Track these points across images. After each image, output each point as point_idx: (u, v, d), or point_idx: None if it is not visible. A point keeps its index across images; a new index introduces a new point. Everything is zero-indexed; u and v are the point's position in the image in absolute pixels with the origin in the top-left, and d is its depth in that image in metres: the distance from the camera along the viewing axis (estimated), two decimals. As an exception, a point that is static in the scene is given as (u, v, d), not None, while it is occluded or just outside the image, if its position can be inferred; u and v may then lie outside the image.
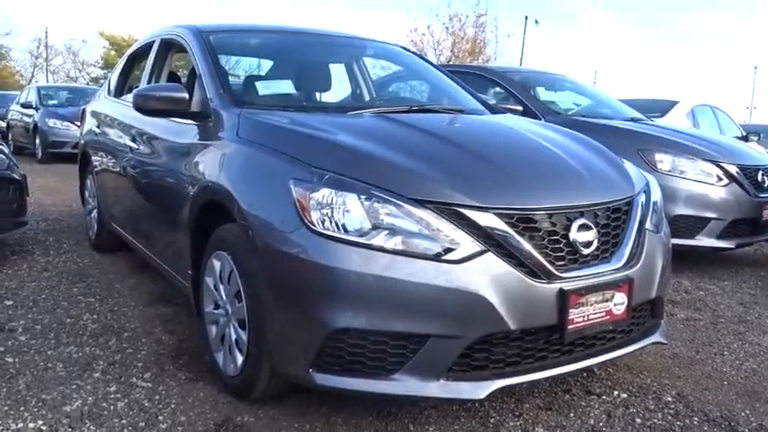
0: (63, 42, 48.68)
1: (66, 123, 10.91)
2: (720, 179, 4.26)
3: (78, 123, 10.53)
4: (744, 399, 2.36)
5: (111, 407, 2.17)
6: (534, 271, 1.89)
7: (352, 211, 1.85)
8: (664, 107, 7.15)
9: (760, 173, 4.44)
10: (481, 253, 1.84)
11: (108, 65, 41.70)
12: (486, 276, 1.83)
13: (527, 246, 1.90)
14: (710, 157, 4.32)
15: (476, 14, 25.79)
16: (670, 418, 2.19)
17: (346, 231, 1.84)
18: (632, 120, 5.09)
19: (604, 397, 2.32)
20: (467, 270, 1.82)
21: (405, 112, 2.80)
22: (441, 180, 1.96)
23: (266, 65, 3.42)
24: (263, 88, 3.08)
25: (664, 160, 4.25)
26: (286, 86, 3.37)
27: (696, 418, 2.19)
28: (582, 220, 2.02)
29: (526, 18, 30.38)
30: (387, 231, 1.82)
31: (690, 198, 4.17)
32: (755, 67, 56.71)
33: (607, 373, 2.51)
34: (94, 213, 4.35)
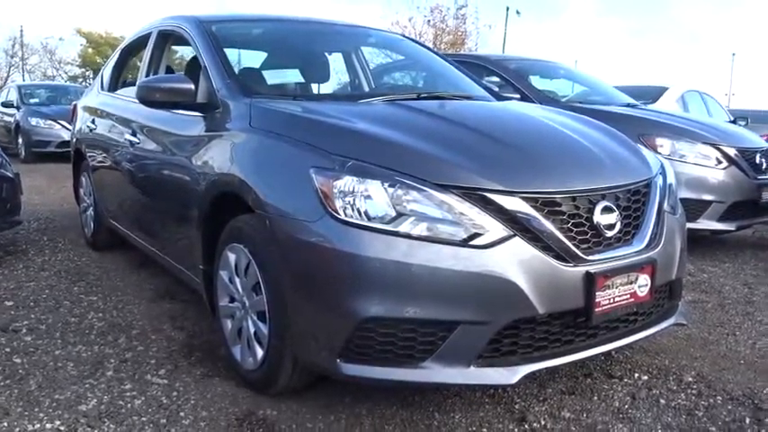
0: (39, 41, 47.78)
1: (50, 122, 10.75)
2: (720, 162, 4.29)
3: (62, 122, 10.46)
4: (763, 377, 2.37)
5: (129, 405, 2.12)
6: (560, 254, 1.87)
7: (376, 198, 1.82)
8: (654, 93, 7.18)
9: (758, 155, 4.47)
10: (508, 238, 1.82)
11: (85, 63, 41.01)
12: (514, 261, 1.81)
13: (553, 229, 1.88)
14: (709, 141, 4.34)
15: (456, 6, 25.76)
16: (694, 398, 2.19)
17: (370, 219, 1.81)
18: (629, 105, 5.10)
19: (626, 380, 2.32)
20: (495, 255, 1.80)
21: (415, 99, 2.76)
22: (464, 165, 1.93)
23: (272, 55, 3.35)
24: (270, 78, 3.02)
25: (664, 144, 4.27)
26: (293, 76, 3.32)
27: (720, 398, 2.19)
28: (604, 203, 2.01)
29: (507, 9, 30.49)
30: (413, 218, 1.79)
31: (690, 182, 4.19)
32: (733, 54, 57.58)
33: (625, 357, 2.51)
34: (90, 211, 4.27)
